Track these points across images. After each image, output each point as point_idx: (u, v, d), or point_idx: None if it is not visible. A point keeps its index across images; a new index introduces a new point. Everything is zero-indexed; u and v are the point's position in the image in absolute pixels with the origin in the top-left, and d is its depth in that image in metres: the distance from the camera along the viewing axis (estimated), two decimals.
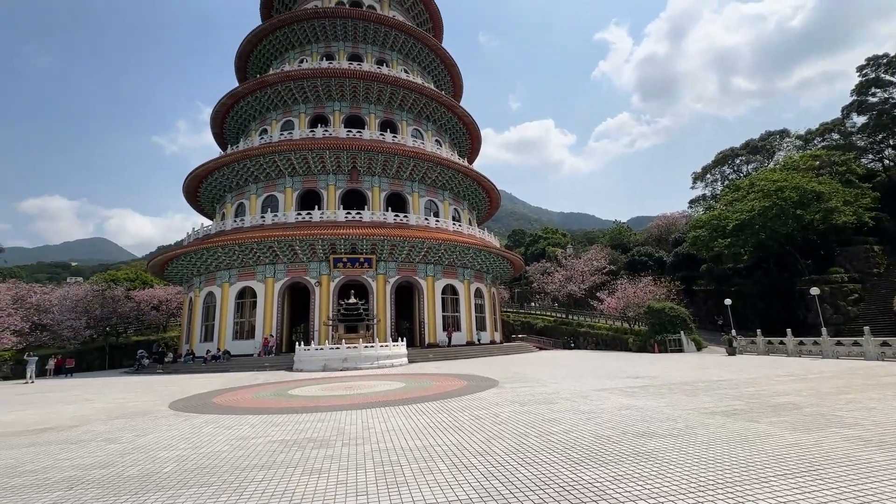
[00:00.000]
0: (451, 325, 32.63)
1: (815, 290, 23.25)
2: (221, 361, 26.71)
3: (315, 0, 44.42)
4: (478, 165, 47.32)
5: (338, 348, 23.16)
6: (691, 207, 59.52)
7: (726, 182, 53.25)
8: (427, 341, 30.75)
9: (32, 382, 22.85)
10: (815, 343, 20.45)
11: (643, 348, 28.90)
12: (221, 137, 42.56)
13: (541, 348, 36.72)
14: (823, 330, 20.48)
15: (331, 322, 26.80)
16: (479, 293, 35.89)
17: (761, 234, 31.42)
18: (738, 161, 54.84)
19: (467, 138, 46.31)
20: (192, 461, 5.77)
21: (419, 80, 40.65)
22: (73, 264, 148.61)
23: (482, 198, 42.81)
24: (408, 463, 5.26)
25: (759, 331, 24.06)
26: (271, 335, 28.51)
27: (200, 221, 38.93)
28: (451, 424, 7.45)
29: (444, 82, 48.46)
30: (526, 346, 35.54)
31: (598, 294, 38.54)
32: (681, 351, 26.93)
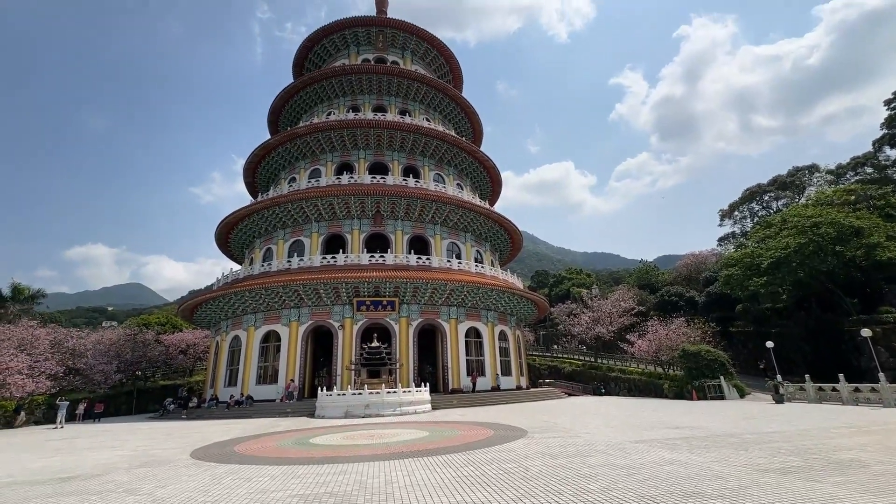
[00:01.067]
0: (476, 369, 31.73)
1: (866, 332, 21.66)
2: (244, 407, 26.51)
3: (343, 59, 47.58)
4: (499, 207, 47.79)
5: (360, 394, 22.69)
6: (721, 245, 57.81)
7: (756, 219, 51.86)
8: (451, 386, 29.87)
9: (62, 427, 23.08)
10: (873, 390, 18.81)
11: (680, 395, 27.22)
12: (253, 186, 44.64)
13: (569, 394, 35.08)
14: (881, 375, 18.89)
15: (353, 367, 26.47)
16: (503, 336, 35.06)
17: (799, 271, 29.98)
18: (766, 197, 53.59)
19: (488, 181, 47.09)
20: None
21: (440, 128, 42.16)
22: (110, 309, 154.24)
23: (504, 239, 42.83)
24: None
25: (807, 376, 22.40)
26: (292, 380, 28.28)
27: (230, 266, 40.25)
28: (479, 479, 7.00)
29: (464, 128, 50.11)
30: (554, 392, 34.02)
31: (627, 336, 37.05)
32: (722, 398, 25.21)
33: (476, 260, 37.60)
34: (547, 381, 39.96)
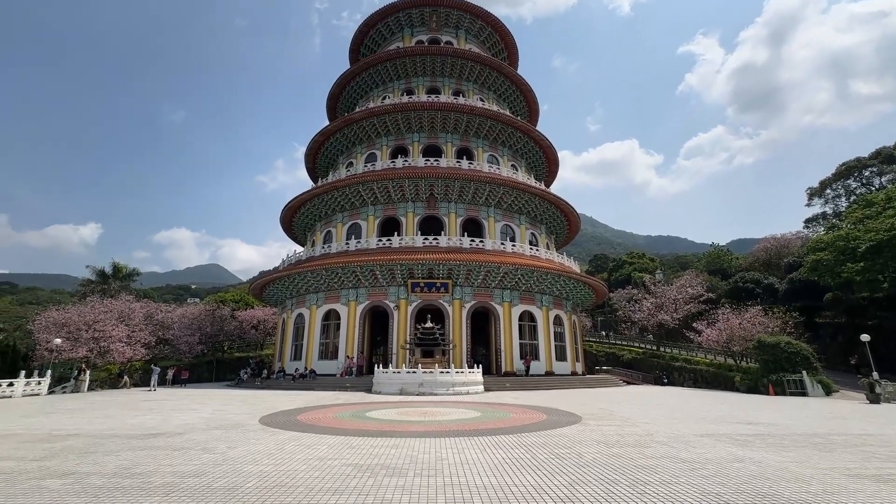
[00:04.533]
0: (529, 353, 31.38)
1: None
2: (308, 380, 28.29)
3: (397, 42, 47.70)
4: (556, 189, 46.22)
5: (414, 372, 23.30)
6: (808, 227, 52.02)
7: (853, 197, 45.91)
8: (504, 369, 29.83)
9: (155, 391, 25.99)
10: None
11: (753, 389, 25.18)
12: (313, 172, 46.60)
13: (628, 382, 33.75)
14: None
15: (408, 346, 27.21)
16: (558, 321, 34.27)
17: None
18: (867, 173, 47.19)
19: (544, 162, 45.61)
20: (272, 478, 5.93)
21: (495, 108, 41.23)
22: (193, 287, 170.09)
23: (560, 221, 41.48)
24: (481, 503, 4.87)
25: None
26: (348, 356, 29.60)
27: (294, 248, 42.56)
28: (530, 462, 6.88)
29: (519, 107, 48.66)
30: (611, 380, 32.89)
31: (694, 325, 34.73)
32: (804, 394, 23.00)
33: (531, 243, 36.81)
34: (604, 368, 38.71)
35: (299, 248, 41.27)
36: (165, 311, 41.06)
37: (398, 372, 23.81)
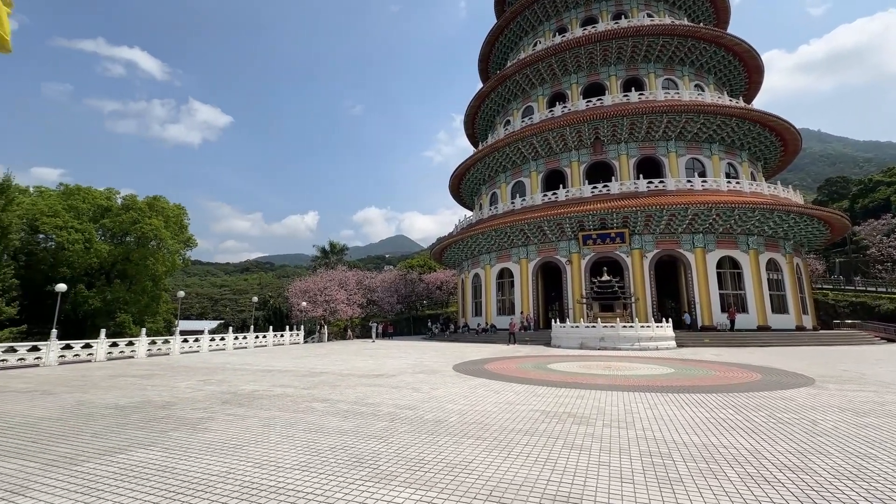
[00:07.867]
0: (734, 304, 26.90)
1: None
2: (489, 333, 30.45)
3: None
4: (760, 103, 37.09)
5: (594, 327, 22.66)
6: None
7: None
8: (700, 324, 26.41)
9: (374, 342, 31.90)
10: None
11: None
12: (473, 137, 47.95)
13: (889, 340, 25.93)
14: None
15: (584, 300, 26.48)
16: (773, 265, 28.21)
17: None
18: None
19: (742, 72, 36.72)
20: (469, 416, 6.72)
21: (667, 21, 34.75)
22: (387, 256, 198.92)
23: (770, 143, 33.22)
24: (682, 460, 4.55)
25: None
26: (522, 313, 30.44)
27: (464, 213, 45.40)
28: (741, 424, 6.05)
29: (701, 11, 39.86)
30: (860, 336, 25.76)
31: None
32: None
33: (728, 175, 30.82)
34: (847, 321, 30.50)
35: (469, 213, 43.67)
36: (370, 278, 49.37)
37: (576, 326, 23.51)
